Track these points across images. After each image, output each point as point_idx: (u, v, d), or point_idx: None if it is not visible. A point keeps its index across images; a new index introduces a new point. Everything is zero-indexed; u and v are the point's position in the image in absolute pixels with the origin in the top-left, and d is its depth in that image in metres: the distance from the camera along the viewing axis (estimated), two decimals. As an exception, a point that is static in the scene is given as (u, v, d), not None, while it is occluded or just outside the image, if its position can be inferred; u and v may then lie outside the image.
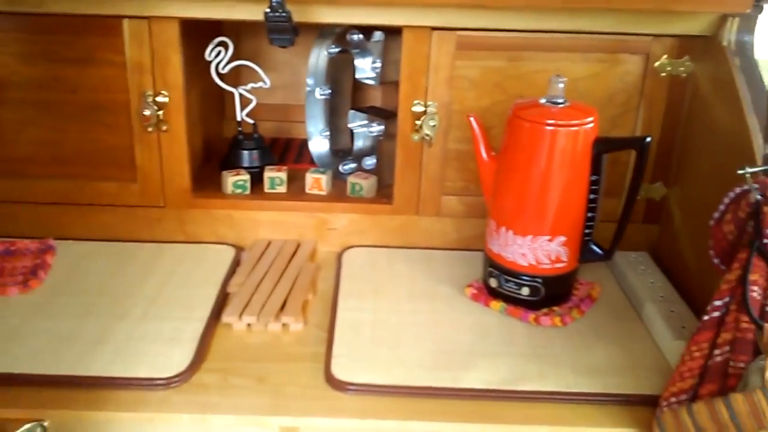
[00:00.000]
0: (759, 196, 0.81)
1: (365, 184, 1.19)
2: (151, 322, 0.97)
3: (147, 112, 1.11)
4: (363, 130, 1.28)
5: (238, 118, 1.25)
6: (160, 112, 1.12)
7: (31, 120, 1.14)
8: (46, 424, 0.83)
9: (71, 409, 0.83)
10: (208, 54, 1.19)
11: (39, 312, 0.99)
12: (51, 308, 1.00)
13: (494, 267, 1.03)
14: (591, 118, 0.94)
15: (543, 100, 0.97)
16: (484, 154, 1.02)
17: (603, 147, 0.95)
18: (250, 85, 1.23)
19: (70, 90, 1.13)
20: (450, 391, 0.86)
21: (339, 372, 0.88)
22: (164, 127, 1.13)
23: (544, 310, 1.01)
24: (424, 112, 1.11)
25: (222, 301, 1.04)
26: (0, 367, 0.87)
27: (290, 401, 0.85)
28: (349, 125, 1.28)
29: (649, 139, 0.93)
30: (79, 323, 0.97)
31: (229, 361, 0.92)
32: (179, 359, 0.90)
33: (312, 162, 1.31)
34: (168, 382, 0.86)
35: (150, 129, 1.13)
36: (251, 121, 1.25)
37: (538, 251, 0.98)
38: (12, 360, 0.88)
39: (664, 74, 1.10)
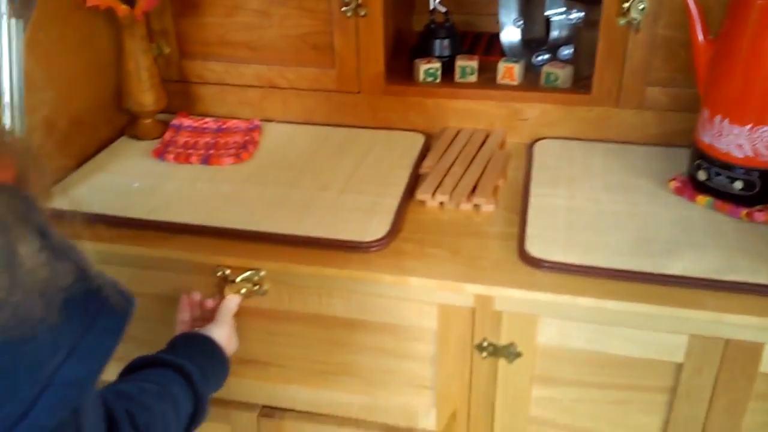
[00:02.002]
0: None
1: (561, 74, 1.18)
2: (350, 194, 1.05)
3: (347, -4, 1.17)
4: (561, 17, 1.25)
5: (431, 6, 1.27)
6: (360, -3, 1.17)
7: (239, 4, 1.24)
8: (262, 273, 0.94)
9: (284, 261, 0.93)
10: (407, -62, 1.21)
11: (250, 181, 1.10)
12: (260, 178, 1.11)
13: (704, 159, 0.98)
14: (839, -10, 0.85)
15: (779, -28, 0.89)
16: (701, 37, 0.97)
17: None
18: (444, -29, 1.24)
19: (275, -27, 1.21)
20: (651, 276, 0.86)
21: (533, 250, 0.91)
22: (362, 12, 1.18)
23: (759, 207, 0.95)
24: (634, -7, 1.06)
25: (414, 181, 1.09)
26: (223, 222, 0.99)
27: (485, 272, 0.89)
28: (546, 13, 1.25)
29: None
30: (286, 191, 1.07)
31: (424, 234, 0.98)
32: (378, 227, 0.97)
33: (502, 55, 1.30)
34: (369, 246, 0.94)
35: (349, 14, 1.18)
36: (443, 9, 1.27)
37: (757, 142, 0.92)
38: (232, 217, 1.00)
39: None
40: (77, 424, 0.49)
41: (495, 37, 1.34)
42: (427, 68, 1.23)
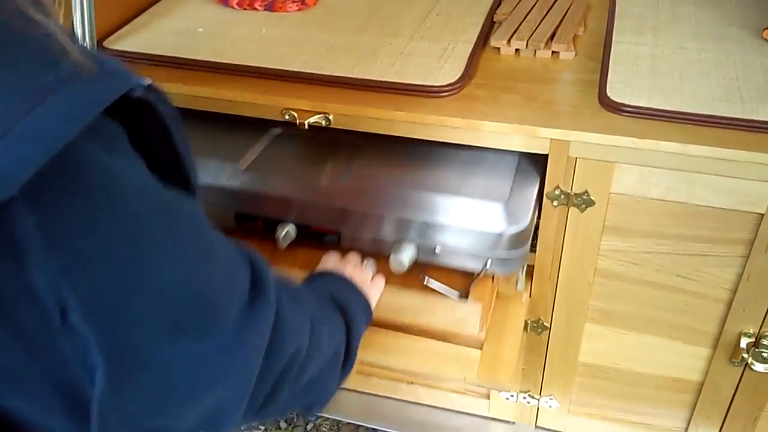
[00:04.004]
0: None
1: None
2: (420, 41, 1.04)
3: None
4: None
5: None
6: None
7: None
8: (330, 117, 0.95)
9: (352, 105, 0.93)
10: None
11: (316, 27, 1.09)
12: (326, 25, 1.10)
13: (807, 4, 0.93)
14: None
15: None
16: None
17: None
18: None
19: None
20: (739, 122, 0.83)
21: (614, 95, 0.89)
22: None
23: None
24: None
25: (488, 28, 1.06)
26: (290, 66, 0.99)
27: (562, 117, 0.88)
28: None
29: None
30: (353, 37, 1.05)
31: (498, 80, 0.96)
32: (449, 72, 0.96)
33: None
34: (440, 90, 0.93)
35: None
36: None
37: None
38: (299, 62, 1.00)
39: None
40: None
41: None
42: None
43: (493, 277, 0.93)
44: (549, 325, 1.04)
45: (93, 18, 1.02)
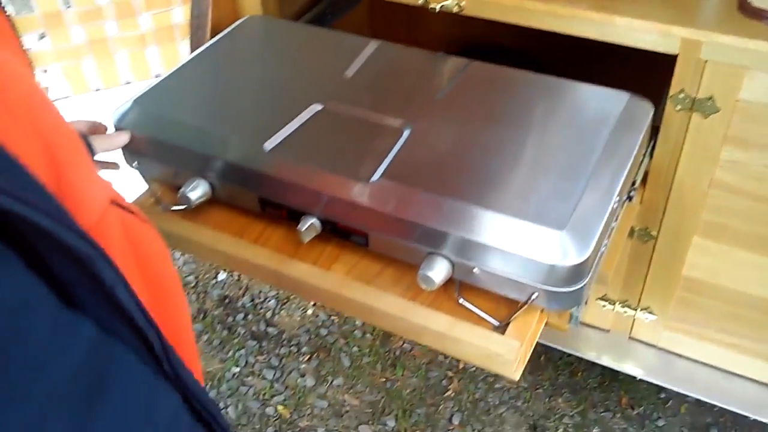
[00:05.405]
0: None
1: None
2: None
3: None
4: None
5: None
6: None
7: None
8: (463, 2, 0.99)
9: (486, -8, 0.97)
10: None
11: None
12: None
13: None
14: None
15: None
16: None
17: None
18: None
19: None
20: None
21: (755, 1, 0.87)
22: None
23: None
24: None
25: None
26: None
27: (697, 18, 0.89)
28: None
29: None
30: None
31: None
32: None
33: None
34: (576, -17, 0.95)
35: None
36: None
37: None
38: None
39: None
40: None
41: None
42: None
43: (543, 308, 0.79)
44: (656, 235, 1.06)
45: None
